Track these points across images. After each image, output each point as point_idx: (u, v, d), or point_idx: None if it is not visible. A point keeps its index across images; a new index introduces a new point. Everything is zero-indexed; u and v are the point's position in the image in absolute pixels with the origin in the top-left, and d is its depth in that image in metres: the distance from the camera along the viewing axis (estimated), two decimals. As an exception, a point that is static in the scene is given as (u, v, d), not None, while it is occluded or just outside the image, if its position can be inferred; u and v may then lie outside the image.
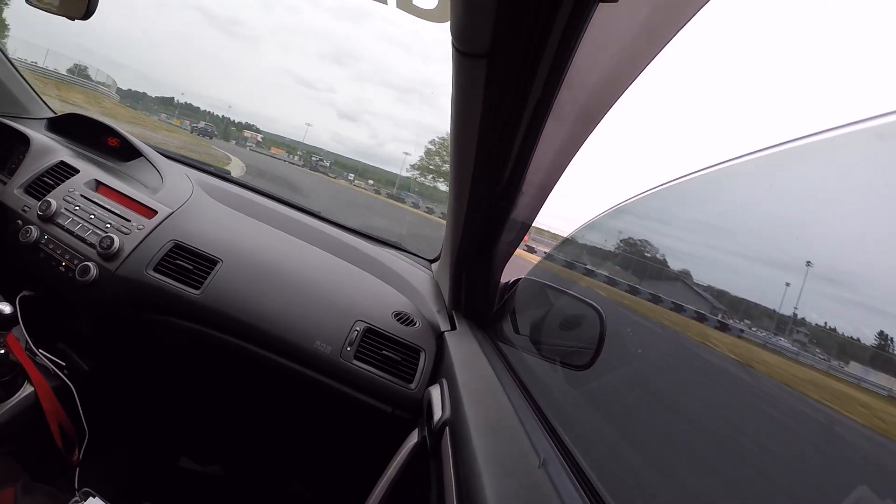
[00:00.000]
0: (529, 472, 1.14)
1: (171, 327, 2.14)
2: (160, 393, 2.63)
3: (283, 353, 2.10)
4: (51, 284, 2.29)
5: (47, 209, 2.29)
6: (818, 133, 0.89)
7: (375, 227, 3.23)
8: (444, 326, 2.29)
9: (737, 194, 1.51)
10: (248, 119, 14.12)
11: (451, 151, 1.45)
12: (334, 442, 2.40)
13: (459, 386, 1.60)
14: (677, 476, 1.57)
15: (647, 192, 1.59)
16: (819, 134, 0.89)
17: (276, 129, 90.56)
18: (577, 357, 1.89)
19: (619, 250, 2.59)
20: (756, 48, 61.90)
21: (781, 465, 1.25)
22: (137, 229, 2.28)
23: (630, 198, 1.70)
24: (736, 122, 75.29)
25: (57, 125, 3.04)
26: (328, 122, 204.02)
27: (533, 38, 0.91)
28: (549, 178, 1.50)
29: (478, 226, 1.73)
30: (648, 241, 2.32)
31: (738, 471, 1.31)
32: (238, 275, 2.23)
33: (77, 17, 2.23)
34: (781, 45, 51.47)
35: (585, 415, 1.95)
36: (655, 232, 2.14)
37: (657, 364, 2.13)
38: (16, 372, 2.03)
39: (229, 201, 2.75)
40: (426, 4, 1.65)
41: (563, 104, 1.12)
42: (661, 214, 1.97)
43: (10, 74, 2.91)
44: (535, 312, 2.20)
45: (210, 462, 2.86)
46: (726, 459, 1.41)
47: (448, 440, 1.40)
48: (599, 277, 3.11)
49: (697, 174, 1.34)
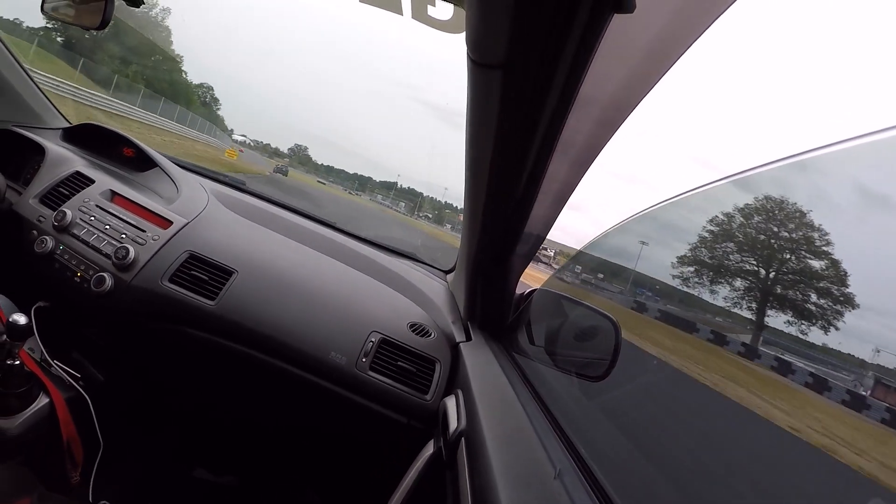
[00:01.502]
0: (545, 482, 1.14)
1: (185, 338, 2.14)
2: (175, 403, 2.63)
3: (298, 363, 2.10)
4: (66, 295, 2.29)
5: (63, 219, 2.30)
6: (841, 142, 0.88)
7: (392, 238, 3.22)
8: (459, 337, 2.28)
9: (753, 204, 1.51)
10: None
11: (467, 163, 1.45)
12: (349, 452, 2.40)
13: (475, 396, 1.60)
14: (693, 485, 1.56)
15: (664, 202, 1.58)
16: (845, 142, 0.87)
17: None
18: (593, 368, 1.88)
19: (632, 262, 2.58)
20: (772, 58, 61.97)
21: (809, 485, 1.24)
22: (153, 240, 2.28)
23: (646, 208, 1.69)
24: (755, 131, 75.23)
25: (72, 135, 3.03)
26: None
27: (548, 48, 0.91)
28: (564, 189, 1.50)
29: (493, 237, 1.73)
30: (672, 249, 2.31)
31: (764, 487, 1.30)
32: (253, 285, 2.23)
33: (92, 29, 2.24)
34: (797, 54, 51.56)
35: (601, 426, 1.94)
36: (677, 241, 2.12)
37: (673, 376, 2.12)
38: (31, 383, 2.04)
39: (245, 212, 2.74)
40: (441, 15, 1.65)
41: (578, 115, 1.11)
42: (681, 224, 1.96)
43: (26, 84, 2.92)
44: (550, 323, 2.19)
45: (225, 472, 2.86)
46: (754, 477, 1.40)
47: (464, 451, 1.39)
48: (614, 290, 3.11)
49: (713, 185, 1.33)
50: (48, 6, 2.31)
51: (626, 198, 28.75)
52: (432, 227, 30.36)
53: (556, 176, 1.38)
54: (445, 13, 1.64)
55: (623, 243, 2.34)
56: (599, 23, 0.87)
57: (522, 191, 1.43)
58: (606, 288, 3.32)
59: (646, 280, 2.81)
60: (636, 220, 1.78)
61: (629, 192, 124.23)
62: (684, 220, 1.88)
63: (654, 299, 2.70)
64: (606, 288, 3.32)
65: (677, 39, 0.96)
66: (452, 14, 1.63)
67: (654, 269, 2.67)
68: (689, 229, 1.88)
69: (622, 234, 1.98)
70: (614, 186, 75.40)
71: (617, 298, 3.14)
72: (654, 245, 2.23)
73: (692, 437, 1.84)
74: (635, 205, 1.97)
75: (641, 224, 1.79)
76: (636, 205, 2.06)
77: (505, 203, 1.51)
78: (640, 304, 2.86)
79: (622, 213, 1.80)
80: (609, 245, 2.34)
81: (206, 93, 47.43)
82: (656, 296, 2.68)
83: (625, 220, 1.84)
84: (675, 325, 2.43)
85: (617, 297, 3.14)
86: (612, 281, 3.26)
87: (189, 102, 38.93)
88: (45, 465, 2.12)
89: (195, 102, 40.14)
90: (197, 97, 43.92)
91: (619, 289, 3.20)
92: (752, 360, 1.75)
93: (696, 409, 2.04)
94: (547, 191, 1.44)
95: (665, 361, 2.28)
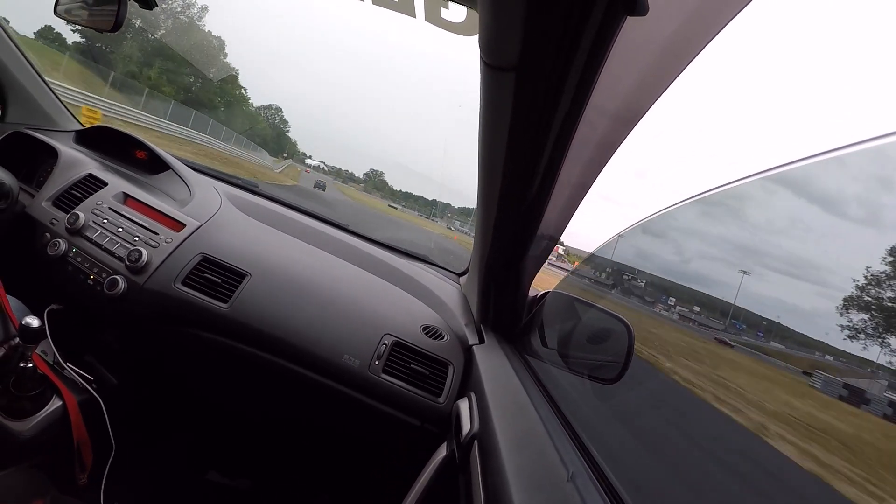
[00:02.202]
0: (558, 485, 1.14)
1: (198, 340, 2.15)
2: (188, 406, 2.63)
3: (312, 366, 2.10)
4: (79, 298, 2.30)
5: (75, 222, 2.31)
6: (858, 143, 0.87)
7: (404, 241, 3.21)
8: (472, 340, 2.28)
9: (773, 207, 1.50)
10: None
11: (480, 165, 1.45)
12: (362, 455, 2.40)
13: (488, 399, 1.59)
14: (705, 489, 1.56)
15: (675, 205, 1.58)
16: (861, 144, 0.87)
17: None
18: (605, 371, 1.88)
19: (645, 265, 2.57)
20: (787, 59, 61.79)
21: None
22: (165, 242, 2.29)
23: (658, 211, 1.69)
24: (768, 133, 75.01)
25: (85, 138, 3.04)
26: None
27: (561, 51, 0.91)
28: (576, 192, 1.50)
29: (506, 240, 1.73)
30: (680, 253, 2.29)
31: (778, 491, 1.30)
32: (266, 288, 2.23)
33: (105, 30, 2.25)
34: (813, 55, 51.45)
35: (614, 428, 1.94)
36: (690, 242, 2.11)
37: (684, 379, 2.11)
38: (44, 386, 2.04)
39: (257, 214, 2.75)
40: (454, 18, 1.65)
41: (591, 118, 1.11)
42: (692, 227, 1.95)
43: (39, 87, 2.94)
44: (563, 326, 2.19)
45: (238, 475, 2.86)
46: (769, 480, 1.40)
47: (477, 454, 1.39)
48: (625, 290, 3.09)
49: (726, 187, 1.32)
50: (61, 8, 2.31)
51: (638, 201, 28.65)
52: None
53: (568, 178, 1.38)
54: (458, 16, 1.64)
55: (640, 244, 2.34)
56: (612, 25, 0.87)
57: (535, 193, 1.43)
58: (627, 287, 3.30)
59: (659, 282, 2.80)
60: (647, 224, 1.78)
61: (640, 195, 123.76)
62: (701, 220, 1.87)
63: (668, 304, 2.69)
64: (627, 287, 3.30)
65: (690, 41, 0.96)
66: (465, 17, 1.63)
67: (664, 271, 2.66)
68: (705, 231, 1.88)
69: (640, 234, 1.98)
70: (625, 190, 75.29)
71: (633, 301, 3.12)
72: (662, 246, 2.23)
73: (703, 440, 1.83)
74: (648, 207, 1.97)
75: (656, 225, 1.79)
76: (648, 207, 2.06)
77: (518, 205, 1.51)
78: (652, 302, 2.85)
79: (634, 216, 1.80)
80: (625, 246, 2.34)
81: (275, 115, 47.96)
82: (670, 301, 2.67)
83: (638, 222, 1.83)
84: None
85: (634, 300, 3.13)
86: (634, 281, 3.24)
87: (255, 123, 39.68)
88: (59, 467, 2.12)
89: (262, 124, 40.81)
90: (264, 119, 44.55)
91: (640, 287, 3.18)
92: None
93: (705, 413, 2.03)
94: (560, 193, 1.44)
95: (675, 365, 2.27)
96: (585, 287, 3.23)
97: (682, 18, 0.92)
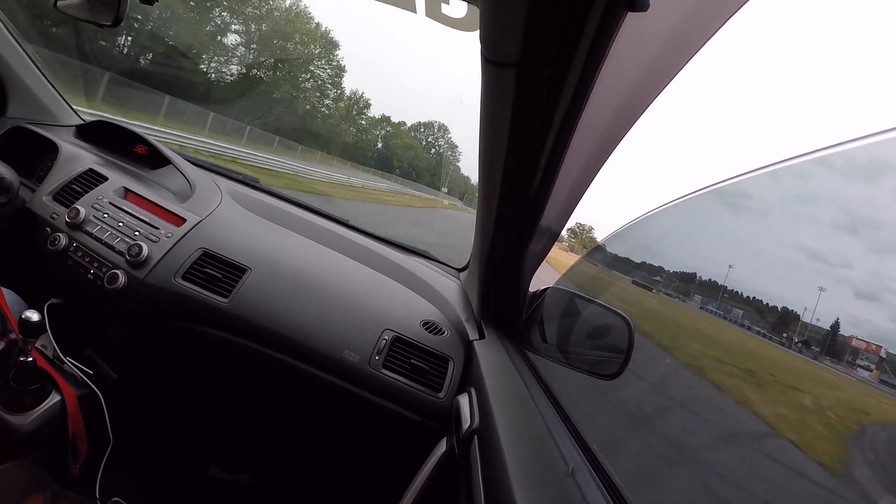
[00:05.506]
0: (558, 481, 1.14)
1: (199, 335, 2.15)
2: (188, 400, 2.63)
3: (312, 361, 2.10)
4: (79, 292, 2.30)
5: (76, 217, 2.31)
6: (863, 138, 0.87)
7: (405, 237, 3.21)
8: (472, 335, 2.28)
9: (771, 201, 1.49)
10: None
11: (480, 161, 1.45)
12: (362, 450, 2.40)
13: (488, 395, 1.59)
14: (705, 484, 1.55)
15: (674, 202, 1.58)
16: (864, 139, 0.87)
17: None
18: (606, 366, 1.88)
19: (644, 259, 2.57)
20: (787, 55, 61.53)
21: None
22: (166, 237, 2.30)
23: (657, 207, 1.69)
24: (767, 129, 74.74)
25: (85, 132, 3.05)
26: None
27: (562, 47, 0.91)
28: (577, 187, 1.50)
29: (506, 235, 1.73)
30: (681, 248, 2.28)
31: (779, 487, 1.30)
32: (266, 283, 2.24)
33: (106, 25, 2.24)
34: (814, 51, 51.15)
35: (614, 424, 1.94)
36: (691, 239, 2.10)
37: (683, 373, 2.11)
38: (44, 380, 2.04)
39: (258, 209, 2.75)
40: (455, 13, 1.65)
41: (591, 113, 1.11)
42: (688, 224, 1.95)
43: (38, 81, 2.94)
44: (564, 321, 2.19)
45: (239, 471, 2.87)
46: (769, 474, 1.39)
47: (476, 449, 1.39)
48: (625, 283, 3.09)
49: (726, 183, 1.32)
50: (61, 3, 2.30)
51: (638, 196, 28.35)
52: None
53: (568, 174, 1.38)
54: (459, 11, 1.64)
55: (639, 240, 2.33)
56: (613, 21, 0.87)
57: (536, 189, 1.43)
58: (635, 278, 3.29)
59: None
60: (644, 222, 1.78)
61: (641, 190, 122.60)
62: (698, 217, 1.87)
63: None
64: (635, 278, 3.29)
65: (691, 38, 0.96)
66: (466, 12, 1.63)
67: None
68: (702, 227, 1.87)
69: (636, 231, 1.97)
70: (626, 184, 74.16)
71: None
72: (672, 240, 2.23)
73: (704, 434, 1.83)
74: (646, 203, 1.96)
75: (653, 223, 1.79)
76: (647, 203, 2.05)
77: (518, 201, 1.50)
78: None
79: (633, 211, 1.79)
80: (623, 241, 2.33)
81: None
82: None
83: (639, 218, 1.83)
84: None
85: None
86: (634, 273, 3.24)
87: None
88: (58, 461, 2.12)
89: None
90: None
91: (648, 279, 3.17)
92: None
93: (707, 406, 2.03)
94: (561, 188, 1.44)
95: (676, 359, 2.27)
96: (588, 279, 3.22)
97: (683, 14, 0.92)
